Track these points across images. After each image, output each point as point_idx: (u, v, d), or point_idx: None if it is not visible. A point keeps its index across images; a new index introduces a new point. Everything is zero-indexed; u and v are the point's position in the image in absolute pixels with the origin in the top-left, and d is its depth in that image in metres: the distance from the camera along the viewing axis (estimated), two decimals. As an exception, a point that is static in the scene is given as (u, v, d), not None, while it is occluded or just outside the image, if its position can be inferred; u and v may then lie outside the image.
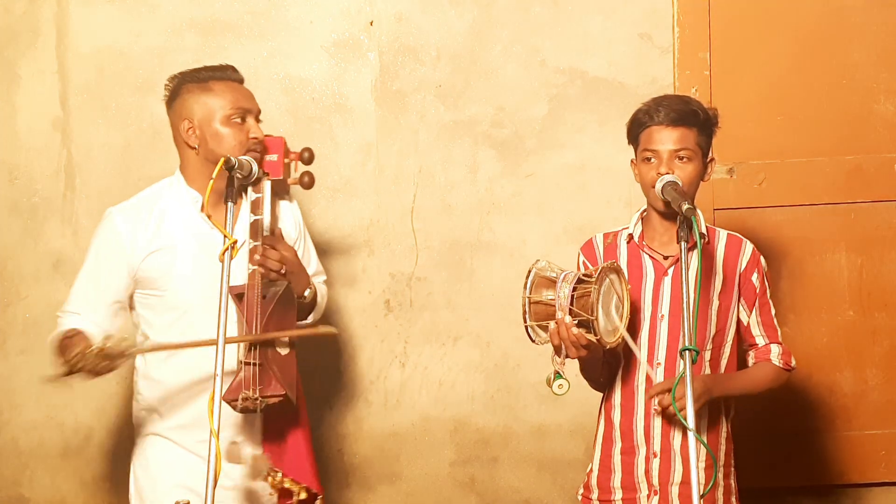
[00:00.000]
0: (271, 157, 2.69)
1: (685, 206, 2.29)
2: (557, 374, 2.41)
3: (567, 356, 2.39)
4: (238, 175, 2.46)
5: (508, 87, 3.49)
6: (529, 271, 2.44)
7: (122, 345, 2.43)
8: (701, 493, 2.14)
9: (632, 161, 2.60)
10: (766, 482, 3.52)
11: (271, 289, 2.55)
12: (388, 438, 3.56)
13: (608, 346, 2.40)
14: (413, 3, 3.48)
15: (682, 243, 2.29)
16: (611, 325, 2.40)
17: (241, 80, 2.71)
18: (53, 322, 3.48)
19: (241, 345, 2.50)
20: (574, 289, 2.37)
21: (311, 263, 2.86)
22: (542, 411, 3.55)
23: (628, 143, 2.61)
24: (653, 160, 2.49)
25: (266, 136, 2.70)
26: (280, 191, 2.75)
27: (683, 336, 2.23)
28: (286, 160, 2.73)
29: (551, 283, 2.41)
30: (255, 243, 2.57)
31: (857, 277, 3.49)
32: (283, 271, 2.56)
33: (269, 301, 2.52)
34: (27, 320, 3.52)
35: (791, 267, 3.49)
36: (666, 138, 2.48)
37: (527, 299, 2.41)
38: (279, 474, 2.60)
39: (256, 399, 2.46)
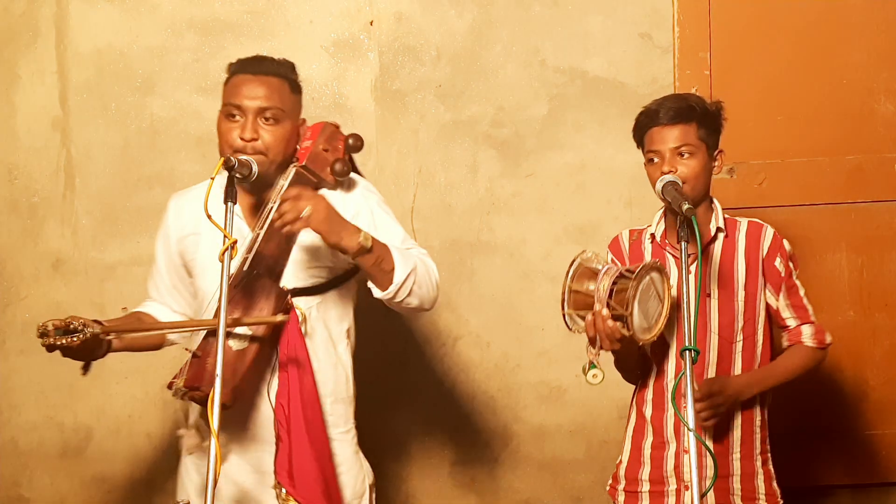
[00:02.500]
0: (307, 144, 2.57)
1: (685, 206, 2.31)
2: (592, 364, 2.43)
3: (601, 348, 2.41)
4: (238, 175, 2.38)
5: (508, 87, 3.49)
6: (574, 260, 2.46)
7: (68, 321, 2.38)
8: (702, 492, 2.16)
9: (644, 164, 2.62)
10: (767, 482, 3.52)
11: (246, 278, 2.46)
12: (389, 439, 3.56)
13: (640, 343, 2.44)
14: (413, 3, 3.47)
15: (682, 243, 2.31)
16: (646, 322, 2.42)
17: (260, 72, 2.54)
18: (53, 322, 3.51)
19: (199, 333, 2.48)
20: (615, 282, 2.39)
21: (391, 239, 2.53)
22: (542, 412, 3.55)
23: (637, 148, 2.63)
24: (656, 160, 2.53)
25: (314, 124, 2.59)
26: (318, 180, 2.58)
27: (684, 336, 2.25)
28: (323, 146, 2.57)
29: (594, 274, 2.43)
30: (258, 231, 2.50)
31: (858, 277, 3.49)
32: (304, 215, 2.32)
33: (239, 290, 2.44)
34: (27, 320, 3.52)
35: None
36: (666, 137, 2.51)
37: (567, 287, 2.44)
38: (283, 491, 2.52)
39: (180, 388, 2.40)
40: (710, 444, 2.53)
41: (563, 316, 2.45)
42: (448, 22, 3.48)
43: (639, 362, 2.63)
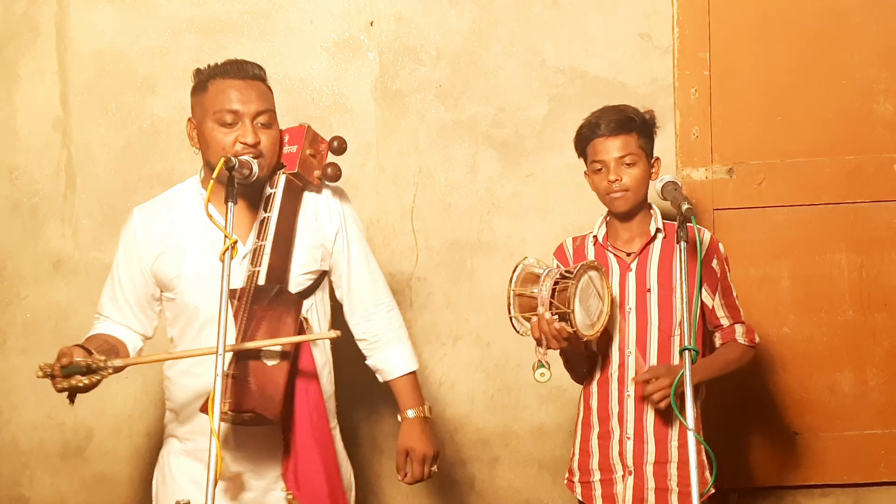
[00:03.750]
0: (290, 149, 2.56)
1: (685, 206, 2.37)
2: (540, 364, 2.57)
3: (549, 347, 2.55)
4: (238, 175, 2.39)
5: (508, 87, 3.50)
6: (517, 266, 2.60)
7: (89, 361, 2.31)
8: (701, 492, 2.17)
9: (585, 173, 2.77)
10: (767, 482, 3.52)
11: (265, 293, 2.45)
12: (389, 438, 3.56)
13: (584, 339, 2.57)
14: (413, 3, 3.48)
15: (682, 243, 2.37)
16: (589, 319, 2.55)
17: (246, 77, 2.53)
18: (53, 322, 3.52)
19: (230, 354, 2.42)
20: (556, 282, 2.52)
21: (354, 267, 2.68)
22: (542, 411, 3.55)
23: (578, 157, 2.77)
24: (602, 170, 2.68)
25: (290, 128, 2.61)
26: (304, 184, 2.61)
27: (683, 335, 2.34)
28: (309, 151, 2.58)
29: (537, 278, 2.57)
30: (261, 243, 2.50)
31: (857, 277, 3.49)
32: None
33: (260, 306, 2.43)
34: (27, 320, 3.52)
35: (791, 267, 3.49)
36: (610, 147, 2.66)
37: (511, 292, 2.57)
38: (290, 495, 2.53)
39: (227, 413, 2.36)
40: (651, 433, 2.67)
41: (511, 320, 2.58)
42: (448, 22, 3.49)
43: (586, 361, 2.74)
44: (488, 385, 3.56)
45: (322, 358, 2.65)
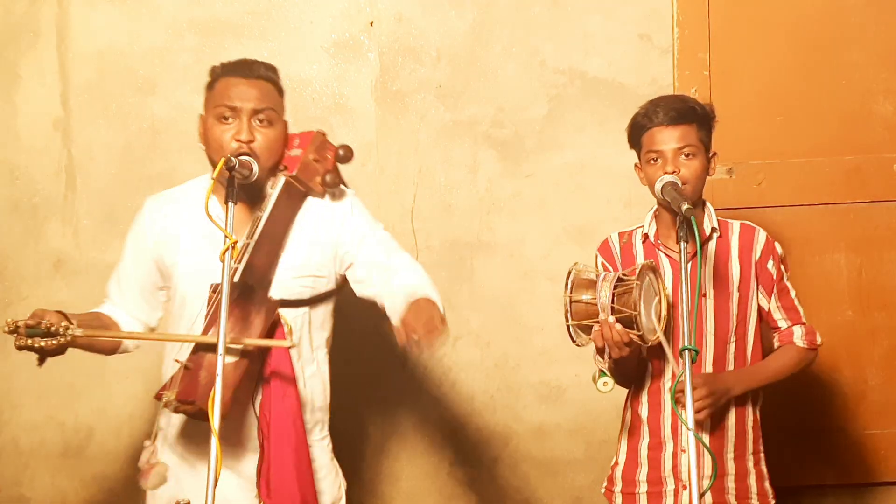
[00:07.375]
0: (296, 152, 2.56)
1: (685, 206, 2.32)
2: (602, 373, 2.43)
3: (612, 356, 2.41)
4: (238, 175, 2.38)
5: (508, 87, 3.50)
6: (569, 272, 2.45)
7: (51, 324, 2.35)
8: (701, 491, 2.16)
9: (636, 165, 2.63)
10: (766, 482, 3.52)
11: (236, 289, 2.41)
12: (389, 438, 3.57)
13: (649, 344, 2.42)
14: (413, 3, 3.48)
15: (682, 243, 2.31)
16: (651, 323, 2.42)
17: (252, 76, 2.53)
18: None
19: (188, 344, 2.42)
20: (615, 287, 2.39)
21: (374, 257, 2.62)
22: (542, 411, 3.55)
23: (630, 148, 2.64)
24: (658, 160, 2.53)
25: (302, 132, 2.60)
26: (305, 189, 2.60)
27: (683, 335, 2.25)
28: (313, 157, 2.57)
29: (591, 284, 2.43)
30: (248, 241, 2.49)
31: (857, 277, 3.49)
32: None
33: (230, 301, 2.35)
34: (28, 320, 3.52)
35: (791, 267, 3.48)
36: (668, 137, 2.51)
37: (568, 299, 2.42)
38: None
39: (171, 401, 2.36)
40: (707, 444, 2.53)
41: (568, 328, 2.43)
42: (448, 22, 3.49)
43: (636, 366, 2.62)
44: (488, 385, 3.56)
45: (310, 368, 2.61)
